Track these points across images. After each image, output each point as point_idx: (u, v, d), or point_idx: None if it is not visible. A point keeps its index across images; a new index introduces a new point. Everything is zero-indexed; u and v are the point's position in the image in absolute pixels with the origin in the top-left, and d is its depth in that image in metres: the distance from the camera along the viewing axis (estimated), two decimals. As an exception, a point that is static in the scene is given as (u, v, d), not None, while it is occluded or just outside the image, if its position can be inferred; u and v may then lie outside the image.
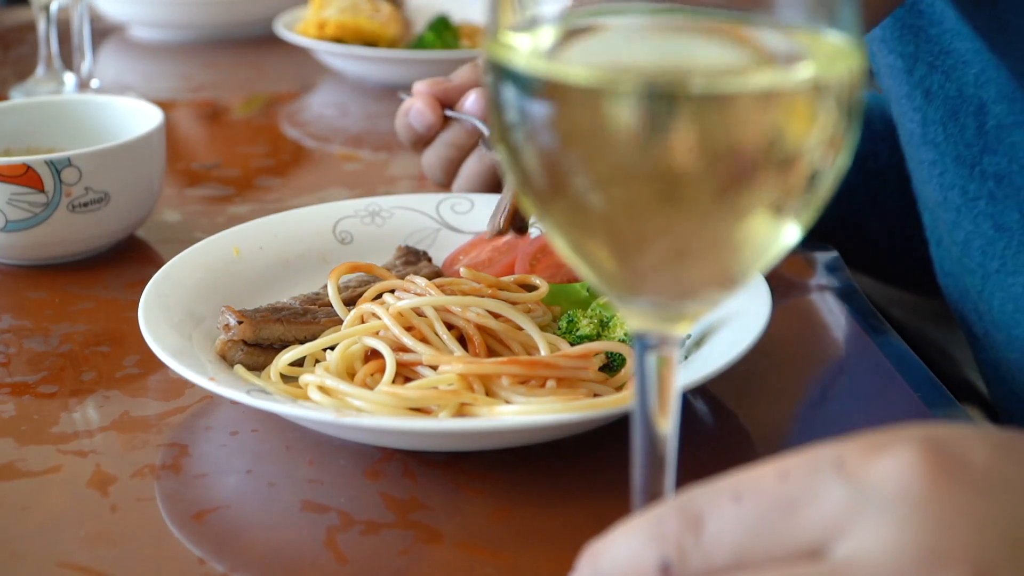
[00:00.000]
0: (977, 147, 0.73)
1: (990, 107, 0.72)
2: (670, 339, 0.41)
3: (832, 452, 0.37)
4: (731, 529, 0.36)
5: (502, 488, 0.58)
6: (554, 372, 0.61)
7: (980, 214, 0.73)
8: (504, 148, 0.38)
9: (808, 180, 0.36)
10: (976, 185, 0.73)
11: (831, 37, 0.36)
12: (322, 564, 0.53)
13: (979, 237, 0.74)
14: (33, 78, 1.26)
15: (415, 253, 0.79)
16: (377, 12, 1.43)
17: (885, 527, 0.35)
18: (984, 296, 0.75)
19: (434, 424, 0.57)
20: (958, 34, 0.74)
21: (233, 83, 1.43)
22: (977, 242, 0.75)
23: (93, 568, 0.53)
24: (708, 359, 0.61)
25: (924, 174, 0.80)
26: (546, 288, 0.70)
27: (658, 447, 0.42)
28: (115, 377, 0.70)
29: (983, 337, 0.78)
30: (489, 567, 0.52)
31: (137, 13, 1.58)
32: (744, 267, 0.39)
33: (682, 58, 0.38)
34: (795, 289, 0.80)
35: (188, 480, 0.59)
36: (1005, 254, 0.72)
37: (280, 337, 0.67)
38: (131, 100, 0.95)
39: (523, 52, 0.37)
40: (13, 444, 0.63)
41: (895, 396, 0.67)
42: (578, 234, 0.38)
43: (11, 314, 0.79)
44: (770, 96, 0.35)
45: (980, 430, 0.38)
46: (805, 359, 0.72)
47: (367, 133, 1.22)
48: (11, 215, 0.81)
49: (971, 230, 0.75)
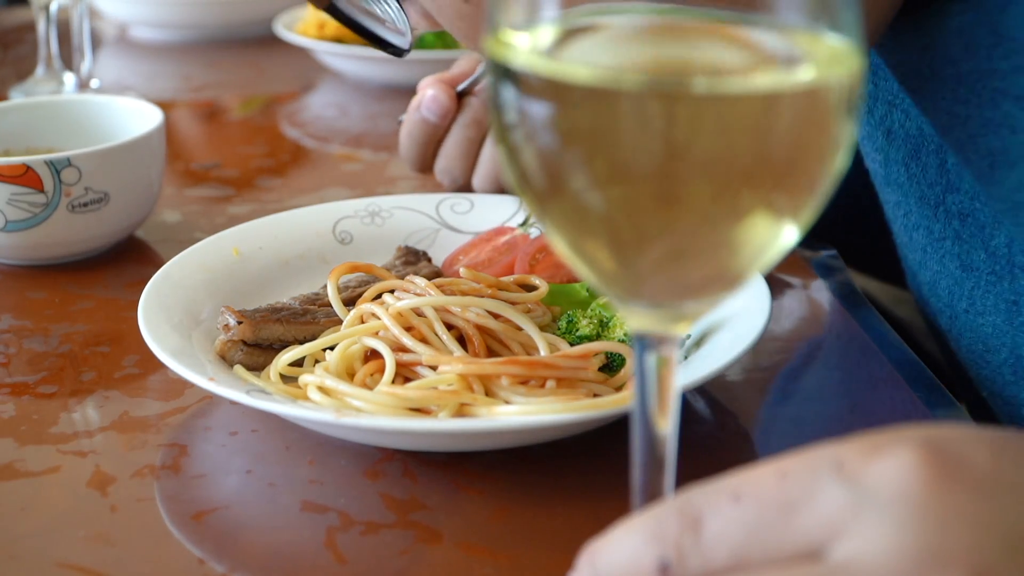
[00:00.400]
0: (940, 186, 0.70)
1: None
2: (670, 339, 0.41)
3: (831, 453, 0.37)
4: (730, 529, 0.36)
5: (502, 488, 0.58)
6: (554, 372, 0.61)
7: (946, 254, 0.72)
8: (504, 147, 0.38)
9: (808, 181, 0.37)
10: (941, 225, 0.71)
11: (832, 40, 0.36)
12: (322, 564, 0.53)
13: (946, 277, 0.73)
14: (33, 78, 1.26)
15: (415, 253, 0.79)
16: (377, 12, 1.42)
17: (884, 529, 0.35)
18: (953, 335, 0.74)
19: (434, 424, 0.57)
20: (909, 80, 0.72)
21: (233, 83, 1.43)
22: (944, 282, 0.73)
23: (93, 568, 0.53)
24: (708, 359, 0.61)
25: (889, 214, 0.79)
26: (546, 288, 0.70)
27: (658, 447, 0.42)
28: (115, 377, 0.70)
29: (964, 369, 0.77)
30: (489, 567, 0.52)
31: (137, 13, 1.58)
32: (744, 267, 0.39)
33: (682, 58, 0.38)
34: (795, 289, 0.80)
35: (188, 480, 0.59)
36: (973, 294, 0.70)
37: (280, 337, 0.68)
38: (131, 100, 0.95)
39: (523, 51, 0.37)
40: (13, 444, 0.63)
41: (895, 396, 0.67)
42: (578, 234, 0.38)
43: (11, 314, 0.79)
44: (771, 97, 0.35)
45: (980, 431, 0.38)
46: (805, 359, 0.72)
47: (367, 133, 1.22)
48: (11, 215, 0.81)
49: (938, 270, 0.73)
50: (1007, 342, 0.69)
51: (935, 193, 0.71)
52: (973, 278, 0.70)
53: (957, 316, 0.72)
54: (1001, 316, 0.68)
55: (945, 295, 0.73)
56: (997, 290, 0.68)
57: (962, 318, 0.72)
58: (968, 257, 0.70)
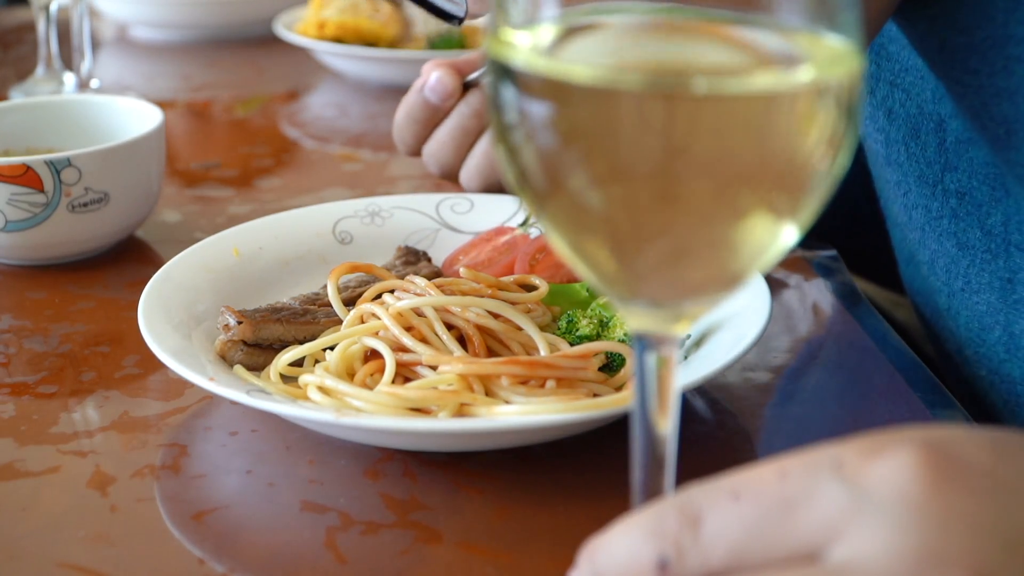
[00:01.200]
0: (939, 165, 0.72)
1: (948, 123, 0.71)
2: (670, 339, 0.41)
3: (831, 453, 0.37)
4: (729, 528, 0.36)
5: (502, 488, 0.58)
6: (554, 372, 0.61)
7: (943, 233, 0.73)
8: (503, 147, 0.38)
9: (808, 181, 0.37)
10: (939, 203, 0.72)
11: (831, 40, 0.36)
12: (322, 564, 0.53)
13: (943, 256, 0.74)
14: (33, 78, 1.26)
15: (415, 253, 0.79)
16: (377, 12, 1.43)
17: (883, 530, 0.35)
18: (951, 314, 0.75)
19: (434, 424, 0.57)
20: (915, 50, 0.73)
21: (233, 83, 1.43)
22: (941, 261, 0.74)
23: (93, 568, 0.53)
24: (708, 359, 0.61)
25: (889, 194, 0.79)
26: (546, 288, 0.70)
27: (658, 447, 0.42)
28: (115, 377, 0.70)
29: (955, 354, 0.78)
30: (489, 567, 0.52)
31: (137, 13, 1.58)
32: (744, 267, 0.39)
33: (682, 58, 0.38)
34: (795, 289, 0.80)
35: (188, 480, 0.59)
36: (968, 272, 0.71)
37: (280, 337, 0.68)
38: (131, 100, 0.95)
39: (523, 50, 0.37)
40: (13, 444, 0.63)
41: (895, 397, 0.67)
42: (577, 234, 0.38)
43: (11, 314, 0.79)
44: (770, 97, 0.35)
45: (979, 432, 0.38)
46: (805, 359, 0.72)
47: (367, 133, 1.22)
48: (11, 215, 0.81)
49: (936, 249, 0.74)
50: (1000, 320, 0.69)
51: (934, 172, 0.71)
52: (969, 256, 0.70)
53: (954, 294, 0.73)
54: (995, 294, 0.69)
55: (943, 273, 0.74)
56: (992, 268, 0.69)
57: (958, 296, 0.72)
58: (965, 235, 0.71)
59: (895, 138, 0.75)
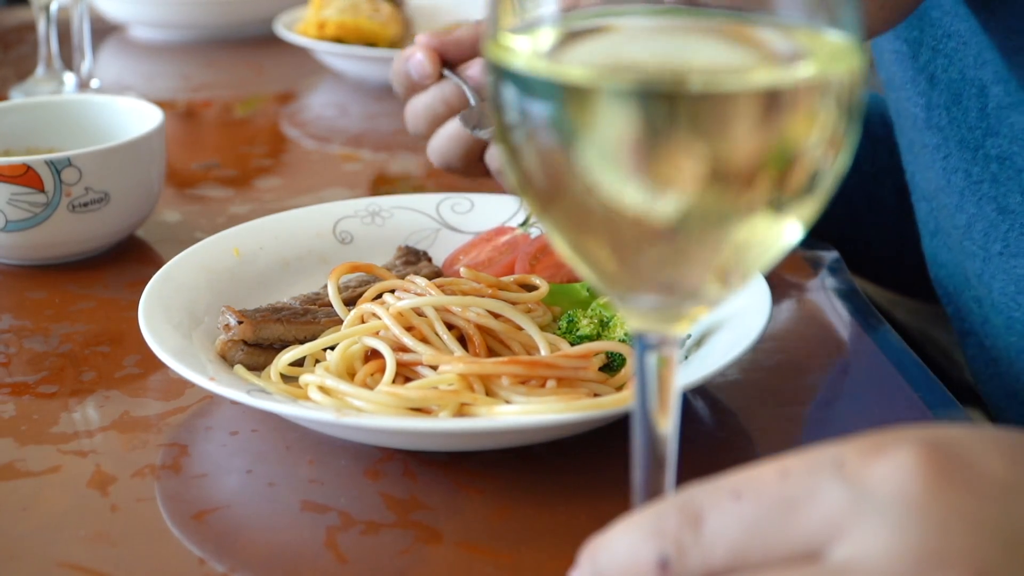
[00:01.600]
0: (980, 130, 0.73)
1: (990, 88, 0.73)
2: (670, 339, 0.41)
3: (832, 452, 0.37)
4: (730, 527, 0.36)
5: (502, 488, 0.58)
6: (554, 372, 0.61)
7: (983, 197, 0.74)
8: (504, 148, 0.38)
9: (808, 180, 0.36)
10: (980, 168, 0.74)
11: (832, 36, 0.36)
12: (322, 564, 0.53)
13: (982, 220, 0.75)
14: (33, 78, 1.26)
15: (415, 253, 0.79)
16: (377, 12, 1.42)
17: (883, 529, 0.35)
18: (984, 280, 0.76)
19: (434, 424, 0.57)
20: (957, 14, 0.74)
21: (233, 83, 1.43)
22: (980, 225, 0.75)
23: (93, 568, 0.53)
24: (708, 359, 0.61)
25: (927, 159, 0.80)
26: (546, 288, 0.70)
27: (658, 447, 0.42)
28: (115, 377, 0.70)
29: (981, 326, 0.78)
30: (489, 567, 0.52)
31: (137, 13, 1.58)
32: (744, 267, 0.39)
33: (682, 58, 0.38)
34: (795, 289, 0.80)
35: (188, 480, 0.59)
36: (1008, 236, 0.72)
37: (280, 337, 0.68)
38: (131, 100, 0.95)
39: (523, 53, 0.37)
40: (13, 444, 0.63)
41: (895, 397, 0.67)
42: (578, 234, 0.38)
43: (11, 314, 0.79)
44: (770, 95, 0.35)
45: (980, 431, 0.38)
46: (805, 359, 0.72)
47: (367, 133, 1.22)
48: (11, 215, 0.81)
49: (974, 213, 0.76)
50: None
51: (975, 136, 0.73)
52: (1009, 220, 0.72)
53: (991, 258, 0.74)
54: None
55: (980, 237, 0.75)
56: None
57: (995, 260, 0.73)
58: (1005, 200, 0.72)
59: (937, 103, 0.76)
